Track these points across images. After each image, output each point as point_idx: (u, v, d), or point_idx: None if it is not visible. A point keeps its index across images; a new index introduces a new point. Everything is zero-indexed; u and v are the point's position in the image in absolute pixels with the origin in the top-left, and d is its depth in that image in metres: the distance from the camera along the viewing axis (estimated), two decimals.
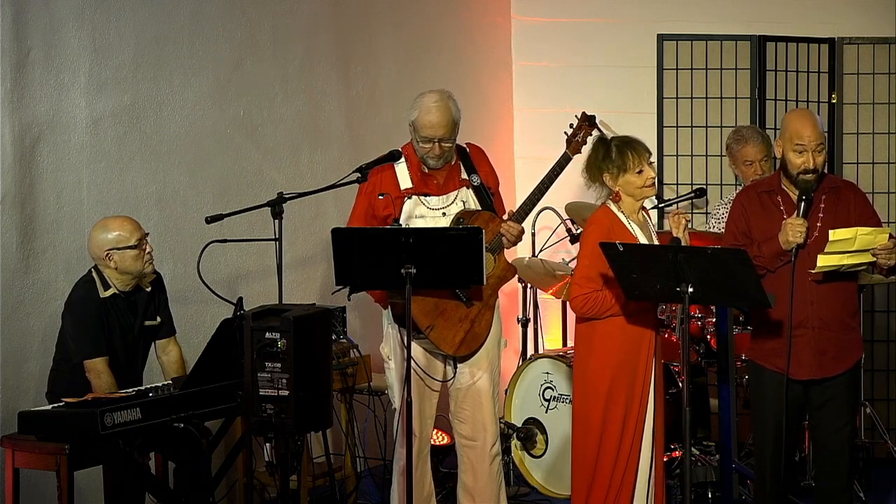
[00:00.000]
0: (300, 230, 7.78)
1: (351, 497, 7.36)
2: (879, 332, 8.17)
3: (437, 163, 6.50)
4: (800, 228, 5.93)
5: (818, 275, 5.95)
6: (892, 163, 8.18)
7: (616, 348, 5.99)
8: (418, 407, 6.51)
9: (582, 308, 5.99)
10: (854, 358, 6.13)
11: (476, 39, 8.85)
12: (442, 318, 6.45)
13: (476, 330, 6.52)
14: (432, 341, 6.44)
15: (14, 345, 6.59)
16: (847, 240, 5.85)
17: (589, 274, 5.97)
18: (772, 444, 6.11)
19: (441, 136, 6.45)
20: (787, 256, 5.98)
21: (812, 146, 5.99)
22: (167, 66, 7.19)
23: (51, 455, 5.80)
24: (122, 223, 6.37)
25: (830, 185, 6.14)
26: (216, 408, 6.17)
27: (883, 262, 5.92)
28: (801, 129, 6.01)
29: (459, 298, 6.45)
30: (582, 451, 6.07)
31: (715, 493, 7.21)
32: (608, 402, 5.98)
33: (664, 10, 8.55)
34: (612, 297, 5.95)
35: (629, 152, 5.99)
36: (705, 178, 8.29)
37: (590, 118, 6.76)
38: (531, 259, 8.08)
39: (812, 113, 6.17)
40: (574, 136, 6.74)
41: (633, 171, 5.99)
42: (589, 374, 6.04)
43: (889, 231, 5.96)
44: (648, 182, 6.01)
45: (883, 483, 7.58)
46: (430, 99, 6.48)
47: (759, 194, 6.18)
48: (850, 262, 5.92)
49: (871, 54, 8.17)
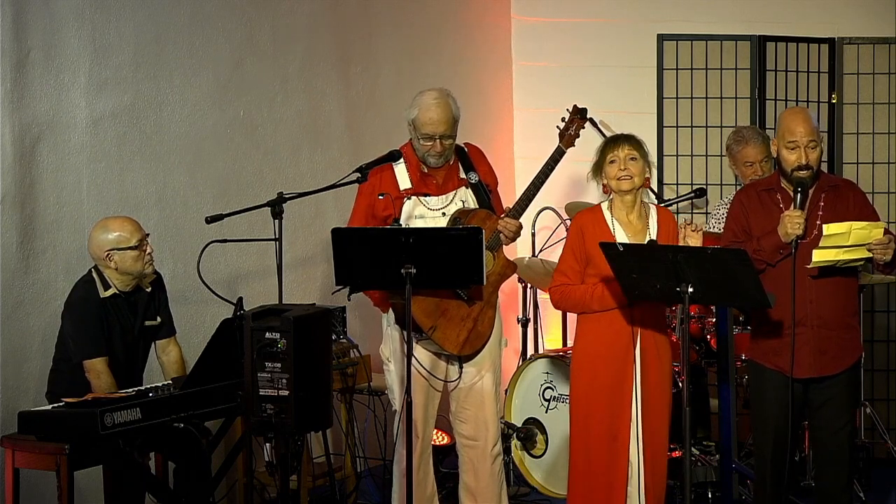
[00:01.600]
0: (300, 230, 7.78)
1: (351, 497, 7.36)
2: (879, 332, 8.17)
3: (438, 161, 6.50)
4: (798, 220, 5.94)
5: (814, 269, 5.95)
6: (892, 163, 8.18)
7: (592, 341, 6.08)
8: (423, 409, 6.51)
9: (553, 298, 6.17)
10: (854, 357, 6.13)
11: (476, 39, 8.85)
12: (444, 318, 6.44)
13: (479, 328, 6.52)
14: (435, 341, 6.44)
15: (14, 345, 6.59)
16: (842, 234, 5.85)
17: (561, 267, 6.15)
18: (772, 444, 6.11)
19: (442, 133, 6.44)
20: (787, 249, 5.98)
21: (804, 142, 6.01)
22: (167, 66, 7.19)
23: (51, 455, 5.80)
24: (123, 224, 6.37)
25: (829, 184, 6.15)
26: (216, 408, 6.17)
27: (879, 256, 5.92)
28: (793, 126, 6.03)
29: (461, 297, 6.45)
30: (572, 446, 6.14)
31: (715, 493, 7.21)
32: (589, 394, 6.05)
33: (664, 10, 8.55)
34: (581, 293, 6.04)
35: (607, 145, 6.07)
36: (705, 178, 8.29)
37: (581, 111, 6.73)
38: (531, 259, 8.09)
39: (804, 110, 6.20)
40: (567, 130, 6.71)
41: (607, 163, 6.03)
42: (572, 367, 6.16)
43: (884, 225, 5.96)
44: (620, 175, 6.01)
45: (883, 483, 7.58)
46: (429, 96, 6.48)
47: (759, 192, 6.19)
48: (846, 257, 5.91)
49: (871, 54, 8.17)
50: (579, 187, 8.18)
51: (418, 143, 6.49)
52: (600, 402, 6.04)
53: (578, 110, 6.74)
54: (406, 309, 6.17)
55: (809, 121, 6.05)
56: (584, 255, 6.06)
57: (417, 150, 6.53)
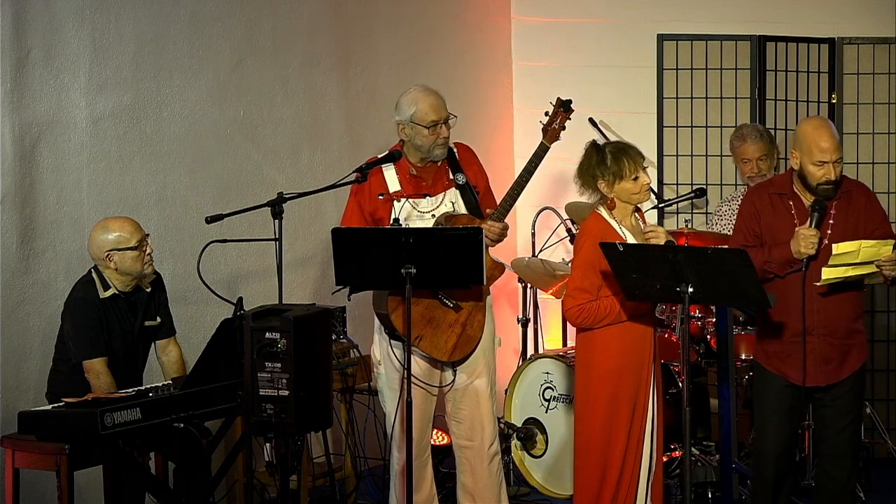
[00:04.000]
0: (300, 230, 7.78)
1: (351, 497, 7.36)
2: (879, 332, 8.17)
3: (444, 150, 6.50)
4: (812, 240, 5.91)
5: (824, 287, 5.95)
6: (892, 163, 8.17)
7: (616, 354, 5.97)
8: (420, 412, 6.50)
9: (577, 319, 5.98)
10: (859, 361, 6.12)
11: (476, 39, 8.84)
12: (430, 327, 6.44)
13: (469, 332, 6.51)
14: (423, 351, 6.44)
15: (14, 345, 6.59)
16: (850, 252, 5.85)
17: (582, 285, 5.96)
18: (772, 446, 6.11)
19: (446, 116, 6.47)
20: (797, 265, 5.97)
21: (833, 159, 5.98)
22: (167, 66, 7.19)
23: (51, 455, 5.80)
24: (123, 224, 6.37)
25: (843, 191, 6.10)
26: (216, 408, 6.17)
27: (888, 273, 5.90)
28: (822, 143, 5.97)
29: (446, 305, 6.45)
30: (586, 459, 6.03)
31: (715, 493, 7.21)
32: (612, 408, 5.96)
33: (664, 10, 8.54)
34: (607, 307, 5.94)
35: (625, 159, 5.96)
36: (705, 178, 8.29)
37: (565, 103, 6.65)
38: (531, 259, 8.08)
39: (829, 123, 6.13)
40: (550, 124, 6.65)
41: (629, 179, 5.97)
42: (591, 381, 6.02)
43: (893, 243, 5.94)
44: (644, 189, 6.00)
45: (883, 483, 7.58)
46: (415, 91, 6.54)
47: (771, 196, 6.14)
48: (854, 273, 5.91)
49: (871, 54, 8.16)
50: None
51: (422, 138, 6.48)
52: (624, 412, 5.96)
53: (562, 102, 6.65)
54: (406, 308, 6.17)
55: (835, 135, 6.01)
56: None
57: (422, 147, 6.52)
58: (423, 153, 6.53)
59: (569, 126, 6.73)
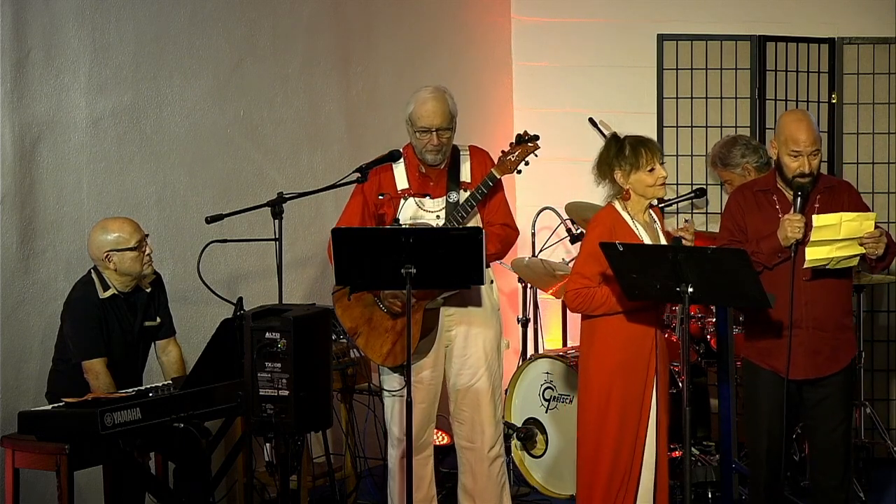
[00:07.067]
0: (300, 230, 7.78)
1: (351, 497, 7.36)
2: (879, 332, 8.17)
3: (434, 158, 6.48)
4: (798, 224, 5.94)
5: (808, 272, 5.95)
6: (892, 163, 8.17)
7: (616, 347, 6.00)
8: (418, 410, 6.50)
9: (573, 303, 6.04)
10: (848, 357, 6.14)
11: (476, 39, 8.85)
12: (368, 327, 6.50)
13: (404, 344, 6.32)
14: (360, 349, 6.49)
15: (14, 345, 6.59)
16: (832, 226, 5.84)
17: (583, 271, 6.02)
18: (765, 444, 6.12)
19: (438, 126, 6.43)
20: (786, 253, 5.99)
21: (807, 151, 6.01)
22: (167, 66, 7.19)
23: (51, 455, 5.80)
24: (122, 224, 6.37)
25: (826, 185, 6.15)
26: (216, 408, 6.18)
27: (871, 250, 5.92)
28: (797, 134, 6.02)
29: (382, 310, 6.50)
30: (583, 450, 6.08)
31: (715, 493, 7.21)
32: (607, 401, 5.98)
33: (664, 10, 8.55)
34: (605, 296, 5.96)
35: (643, 150, 6.01)
36: (705, 177, 8.29)
37: (531, 137, 6.45)
38: (531, 259, 8.08)
39: (807, 115, 6.17)
40: (507, 155, 6.45)
41: (645, 170, 6.00)
42: (588, 372, 6.06)
43: (875, 216, 5.95)
44: (659, 181, 6.03)
45: (883, 483, 7.58)
46: (425, 91, 6.51)
47: (755, 193, 6.19)
48: (839, 254, 5.91)
49: (871, 54, 8.16)
50: (579, 187, 8.17)
51: (416, 139, 6.49)
52: (627, 409, 5.97)
53: (527, 137, 6.46)
54: (406, 308, 6.17)
55: (812, 128, 6.04)
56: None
57: (416, 148, 6.52)
58: (417, 153, 6.53)
59: (569, 126, 6.73)
